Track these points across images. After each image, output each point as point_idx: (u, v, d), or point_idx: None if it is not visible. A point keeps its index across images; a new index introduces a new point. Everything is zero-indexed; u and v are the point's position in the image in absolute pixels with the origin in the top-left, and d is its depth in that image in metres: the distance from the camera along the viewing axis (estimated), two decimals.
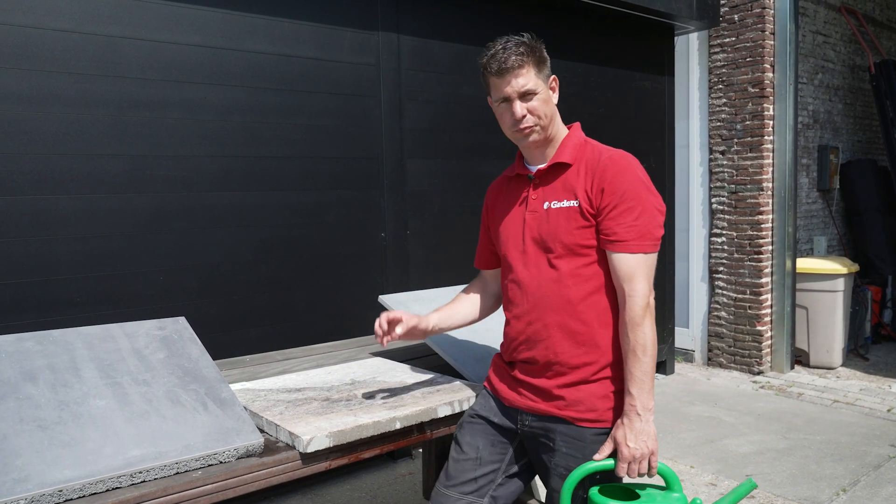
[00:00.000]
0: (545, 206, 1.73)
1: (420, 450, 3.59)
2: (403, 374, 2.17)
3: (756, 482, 1.78)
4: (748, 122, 5.35)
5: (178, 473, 1.47)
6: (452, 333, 2.41)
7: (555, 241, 1.69)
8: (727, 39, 5.44)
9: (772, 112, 5.29)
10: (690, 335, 5.84)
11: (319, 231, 3.48)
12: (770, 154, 5.33)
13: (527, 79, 1.66)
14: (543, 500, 1.92)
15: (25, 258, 2.68)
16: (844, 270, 5.33)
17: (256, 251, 3.28)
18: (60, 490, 1.34)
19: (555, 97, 1.75)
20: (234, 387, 2.03)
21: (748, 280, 5.43)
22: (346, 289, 3.58)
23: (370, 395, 1.94)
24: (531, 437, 1.78)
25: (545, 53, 1.72)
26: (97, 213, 2.84)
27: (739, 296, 5.49)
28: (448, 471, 1.84)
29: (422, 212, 3.87)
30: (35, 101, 2.69)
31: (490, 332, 2.50)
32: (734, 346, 5.57)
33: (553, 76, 1.76)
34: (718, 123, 5.56)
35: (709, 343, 5.75)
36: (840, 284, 5.35)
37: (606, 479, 1.68)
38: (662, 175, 5.30)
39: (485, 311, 2.05)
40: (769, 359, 5.48)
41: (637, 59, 5.03)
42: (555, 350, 1.70)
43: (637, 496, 1.61)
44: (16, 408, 1.54)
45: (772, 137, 5.32)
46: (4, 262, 2.64)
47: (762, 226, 5.34)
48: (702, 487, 3.35)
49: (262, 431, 1.73)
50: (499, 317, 2.59)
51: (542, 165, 1.76)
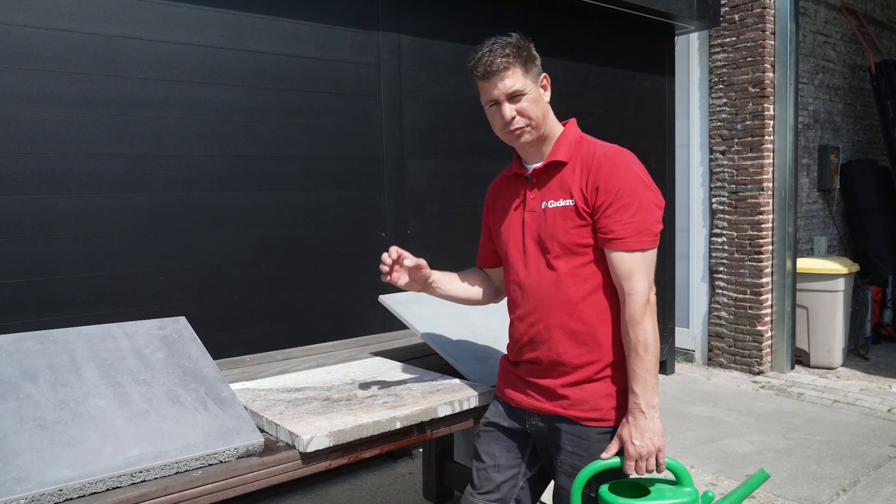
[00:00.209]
0: (543, 206, 1.72)
1: (420, 449, 3.58)
2: (403, 374, 2.17)
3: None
4: (748, 122, 5.35)
5: (178, 473, 1.47)
6: (452, 334, 2.41)
7: (552, 241, 1.69)
8: (727, 39, 5.44)
9: (772, 112, 5.29)
10: (691, 335, 5.84)
11: (320, 231, 3.48)
12: (770, 154, 5.33)
13: (514, 80, 1.65)
14: (550, 500, 1.93)
15: (26, 258, 2.68)
16: (845, 270, 5.33)
17: (257, 251, 3.28)
18: (60, 489, 1.34)
19: (546, 95, 1.74)
20: (235, 386, 2.03)
21: (748, 280, 5.43)
22: (347, 289, 3.58)
23: (370, 395, 1.94)
24: (539, 438, 1.80)
25: (533, 52, 1.70)
26: (97, 213, 2.84)
27: (740, 296, 5.49)
28: (473, 480, 1.88)
29: (422, 211, 3.87)
30: (35, 101, 2.69)
31: (490, 332, 2.50)
32: (734, 346, 5.57)
33: (544, 74, 1.73)
34: (719, 123, 5.56)
35: (709, 343, 5.75)
36: (840, 284, 5.35)
37: (617, 476, 1.69)
38: (663, 175, 5.30)
39: (484, 298, 2.02)
40: (769, 359, 5.48)
41: (637, 59, 5.03)
42: (557, 350, 1.70)
43: (647, 492, 1.62)
44: (16, 407, 1.54)
45: (772, 137, 5.32)
46: (5, 262, 2.64)
47: (762, 226, 5.34)
48: (702, 487, 3.35)
49: (263, 431, 1.73)
50: (498, 316, 2.60)
51: (538, 165, 1.75)
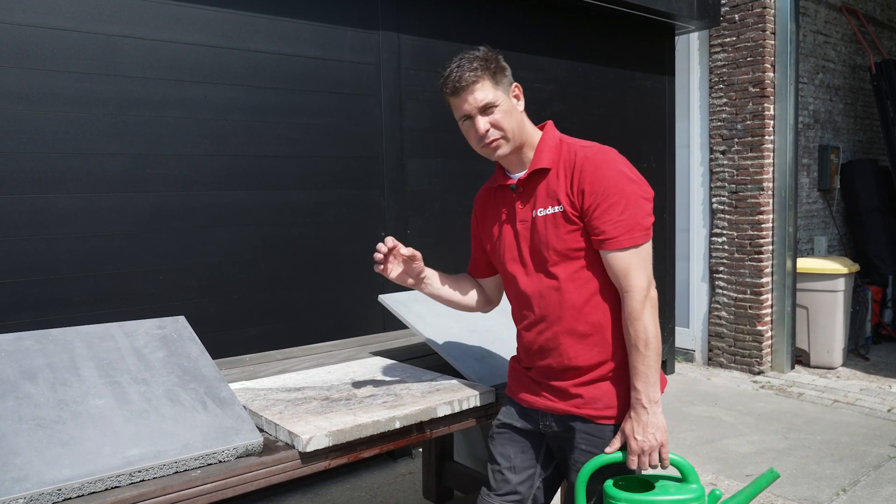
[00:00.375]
0: (533, 215, 1.72)
1: (420, 449, 3.58)
2: (403, 374, 2.17)
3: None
4: (749, 122, 5.34)
5: (177, 473, 1.47)
6: (452, 333, 2.40)
7: (548, 249, 1.69)
8: (728, 39, 5.43)
9: (772, 112, 5.29)
10: (691, 335, 5.84)
11: (320, 230, 3.48)
12: (770, 154, 5.32)
13: (484, 93, 1.65)
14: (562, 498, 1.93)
15: (25, 257, 2.68)
16: (845, 270, 5.32)
17: (256, 250, 3.28)
18: (59, 489, 1.34)
19: (520, 105, 1.73)
20: (234, 386, 2.03)
21: (749, 280, 5.42)
22: (347, 288, 3.58)
23: (370, 395, 1.94)
24: (553, 438, 1.80)
25: (502, 63, 1.70)
26: (97, 212, 2.84)
27: (740, 296, 5.49)
28: (489, 483, 1.88)
29: (422, 211, 3.86)
30: (35, 100, 2.69)
31: (490, 332, 2.50)
32: (734, 346, 5.57)
33: (515, 84, 1.73)
34: (719, 123, 5.56)
35: (709, 343, 5.74)
36: (840, 284, 5.34)
37: (624, 472, 1.69)
38: (663, 175, 5.30)
39: (476, 305, 2.00)
40: (769, 359, 5.48)
41: (638, 59, 5.03)
42: (568, 355, 1.71)
43: (653, 488, 1.63)
44: (15, 406, 1.54)
45: (772, 137, 5.31)
46: (4, 261, 2.64)
47: (763, 226, 5.33)
48: (703, 487, 3.35)
49: (262, 431, 1.73)
50: (499, 316, 2.59)
51: (522, 174, 1.75)
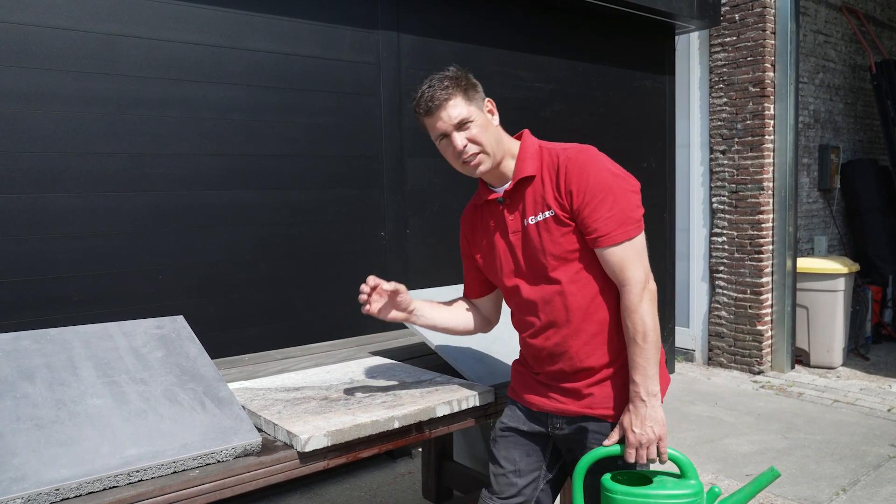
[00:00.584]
0: (524, 224, 1.72)
1: (419, 449, 3.58)
2: (402, 374, 2.17)
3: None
4: (749, 122, 5.34)
5: (176, 472, 1.47)
6: None
7: (545, 255, 1.69)
8: (728, 39, 5.43)
9: (772, 111, 5.29)
10: (691, 335, 5.83)
11: (319, 230, 3.48)
12: (771, 153, 5.32)
13: (458, 109, 1.65)
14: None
15: (23, 256, 2.68)
16: (845, 270, 5.32)
17: (256, 250, 3.27)
18: (57, 489, 1.34)
19: (495, 119, 1.74)
20: (233, 386, 2.02)
21: (749, 280, 5.42)
22: (346, 288, 3.58)
23: (369, 395, 1.93)
24: (564, 440, 1.80)
25: (472, 80, 1.71)
26: (96, 212, 2.83)
27: (740, 295, 5.48)
28: (492, 486, 1.87)
29: (422, 211, 3.86)
30: (34, 99, 2.68)
31: (489, 332, 2.48)
32: (734, 346, 5.57)
33: (488, 99, 1.75)
34: (719, 123, 5.55)
35: (709, 343, 5.74)
36: (840, 284, 5.34)
37: (625, 467, 1.69)
38: (663, 174, 5.29)
39: (475, 328, 1.98)
40: (769, 358, 5.47)
41: (638, 59, 5.02)
42: (579, 357, 1.71)
43: (651, 483, 1.62)
44: (13, 406, 1.53)
45: (772, 137, 5.31)
46: (2, 261, 2.64)
47: (763, 225, 5.33)
48: (704, 486, 3.35)
49: (261, 430, 1.73)
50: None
51: (508, 186, 1.75)
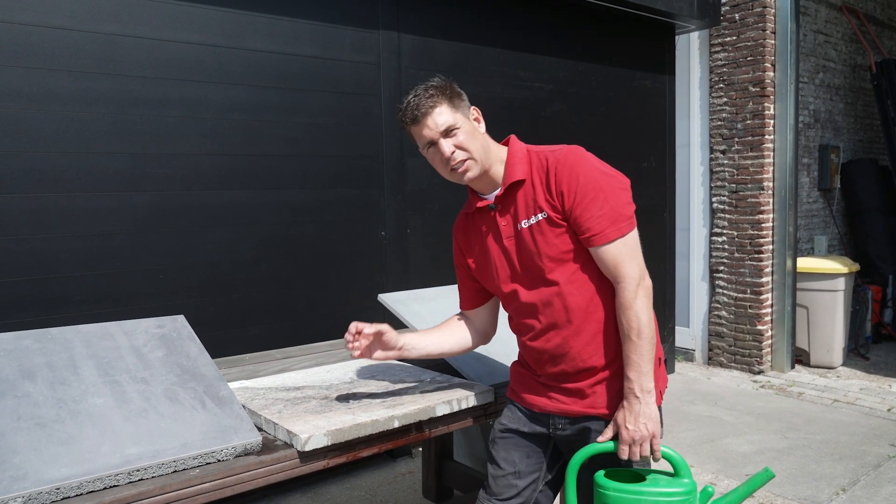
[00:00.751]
0: (518, 228, 1.73)
1: (420, 448, 3.58)
2: (402, 373, 2.17)
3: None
4: (749, 122, 5.34)
5: (176, 472, 1.47)
6: None
7: (540, 258, 1.69)
8: (728, 38, 5.43)
9: (773, 111, 5.29)
10: (691, 334, 5.84)
11: (319, 229, 3.48)
12: (771, 153, 5.32)
13: (444, 116, 1.67)
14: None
15: (25, 256, 2.68)
16: (845, 270, 5.32)
17: (256, 250, 3.28)
18: (58, 488, 1.34)
19: (481, 127, 1.76)
20: (233, 385, 2.03)
21: (749, 279, 5.42)
22: (346, 287, 3.58)
23: (369, 394, 1.94)
24: (566, 441, 1.80)
25: (457, 89, 1.73)
26: (97, 211, 2.84)
27: (740, 295, 5.49)
28: (490, 487, 1.87)
29: (422, 210, 3.86)
30: (35, 99, 2.69)
31: None
32: (734, 346, 5.57)
33: (473, 107, 1.76)
34: (719, 122, 5.56)
35: (709, 342, 5.74)
36: (840, 284, 5.34)
37: (622, 465, 1.69)
38: (663, 174, 5.29)
39: (473, 344, 1.97)
40: (769, 358, 5.48)
41: (638, 58, 5.02)
42: (581, 358, 1.71)
43: (644, 481, 1.63)
44: (14, 405, 1.54)
45: (772, 137, 5.31)
46: (4, 260, 2.64)
47: (763, 225, 5.33)
48: (701, 486, 3.35)
49: (261, 430, 1.73)
50: (503, 312, 2.59)
51: (498, 191, 1.75)
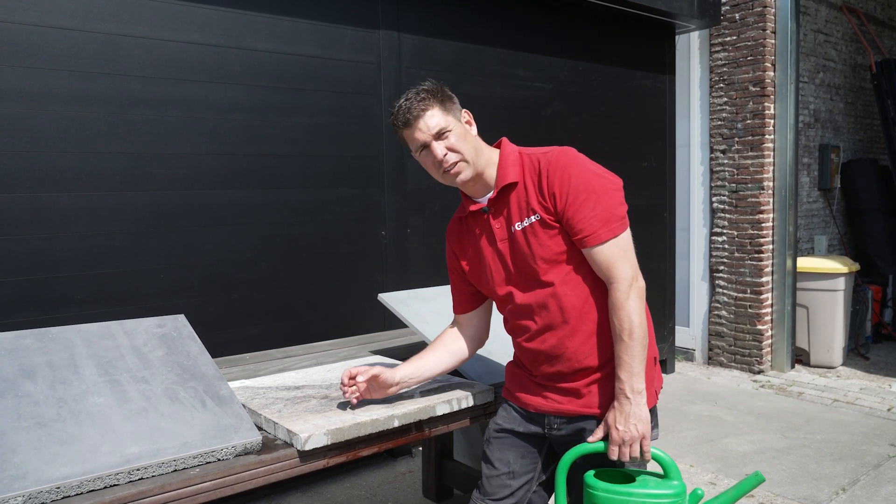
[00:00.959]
0: (511, 231, 1.73)
1: (420, 448, 3.59)
2: None
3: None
4: (749, 121, 5.34)
5: (176, 471, 1.48)
6: None
7: (534, 260, 1.70)
8: (728, 38, 5.43)
9: (773, 111, 5.29)
10: (691, 334, 5.84)
11: (320, 229, 3.49)
12: (771, 153, 5.32)
13: (435, 119, 1.68)
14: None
15: (25, 255, 2.69)
16: (845, 269, 5.32)
17: (257, 249, 3.28)
18: (58, 487, 1.34)
19: (473, 130, 1.76)
20: (233, 384, 2.03)
21: (749, 279, 5.42)
22: (347, 287, 3.59)
23: None
24: (561, 441, 1.80)
25: (448, 92, 1.74)
26: (97, 211, 2.84)
27: (740, 295, 5.49)
28: (484, 487, 1.87)
29: (422, 210, 3.87)
30: (36, 99, 2.69)
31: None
32: (734, 346, 5.57)
33: (465, 110, 1.77)
34: (719, 122, 5.56)
35: (709, 342, 5.74)
36: (841, 283, 5.34)
37: (611, 466, 1.69)
38: (663, 174, 5.29)
39: (469, 354, 1.97)
40: (769, 358, 5.48)
41: (638, 58, 5.02)
42: (577, 358, 1.71)
43: (633, 482, 1.63)
44: (14, 405, 1.54)
45: (773, 136, 5.31)
46: (4, 259, 2.64)
47: (763, 225, 5.33)
48: (702, 486, 3.35)
49: (261, 429, 1.74)
50: (496, 315, 2.59)
51: (491, 194, 1.76)
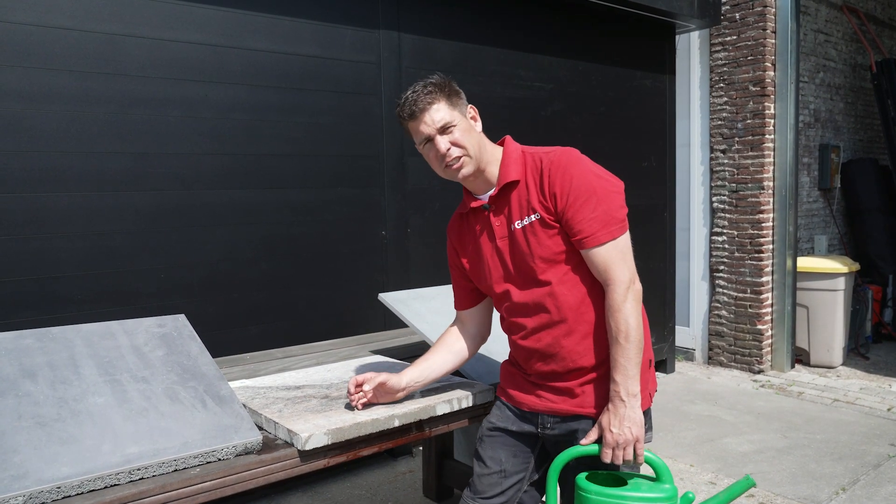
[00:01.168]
0: (511, 229, 1.73)
1: (420, 447, 3.59)
2: None
3: (755, 481, 1.78)
4: (749, 121, 5.34)
5: (176, 471, 1.48)
6: None
7: (533, 259, 1.70)
8: (728, 38, 5.43)
9: (773, 111, 5.29)
10: (691, 334, 5.84)
11: (320, 229, 3.49)
12: (771, 153, 5.32)
13: (441, 113, 1.68)
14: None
15: (25, 255, 2.69)
16: (845, 269, 5.32)
17: (257, 249, 3.28)
18: (58, 487, 1.34)
19: (478, 126, 1.77)
20: (234, 384, 2.03)
21: (749, 279, 5.42)
22: (347, 287, 3.59)
23: None
24: (553, 441, 1.80)
25: (455, 87, 1.74)
26: (98, 211, 2.84)
27: (740, 295, 5.49)
28: (475, 485, 1.87)
29: (422, 209, 3.87)
30: (36, 99, 2.69)
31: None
32: (735, 345, 5.57)
33: (470, 106, 1.77)
34: (719, 122, 5.56)
35: (709, 342, 5.74)
36: (841, 283, 5.34)
37: (604, 468, 1.69)
38: (663, 174, 5.29)
39: (471, 353, 1.97)
40: (769, 358, 5.48)
41: (638, 58, 5.02)
42: (572, 358, 1.72)
43: (626, 485, 1.63)
44: (14, 405, 1.54)
45: (773, 136, 5.31)
46: (4, 259, 2.64)
47: (763, 225, 5.33)
48: (701, 486, 3.35)
49: (261, 429, 1.74)
50: (496, 315, 2.59)
51: (493, 192, 1.76)
